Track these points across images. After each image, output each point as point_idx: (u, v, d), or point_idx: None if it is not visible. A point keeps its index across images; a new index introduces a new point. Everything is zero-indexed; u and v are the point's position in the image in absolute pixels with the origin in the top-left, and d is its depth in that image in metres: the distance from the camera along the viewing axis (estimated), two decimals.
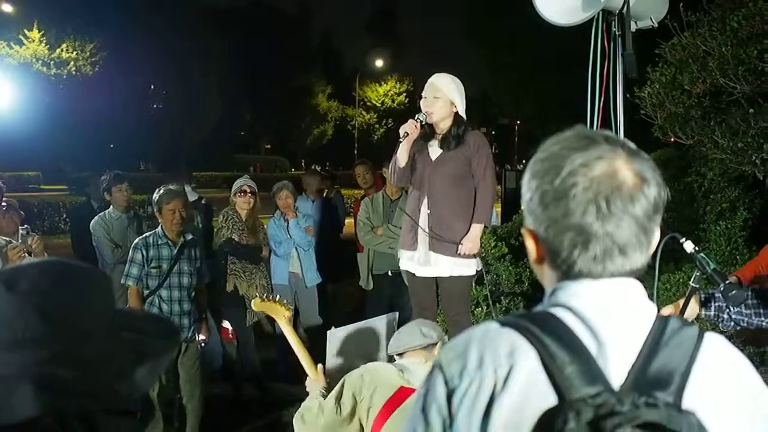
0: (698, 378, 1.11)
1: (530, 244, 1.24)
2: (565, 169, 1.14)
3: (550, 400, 1.07)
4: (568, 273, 1.18)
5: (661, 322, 1.16)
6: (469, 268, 4.44)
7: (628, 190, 1.13)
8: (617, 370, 1.10)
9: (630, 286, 1.18)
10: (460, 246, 4.32)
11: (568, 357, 1.08)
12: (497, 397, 1.10)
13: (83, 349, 1.24)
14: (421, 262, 4.42)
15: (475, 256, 4.44)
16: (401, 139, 4.29)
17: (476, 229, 4.38)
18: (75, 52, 34.46)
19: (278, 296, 4.11)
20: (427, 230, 4.35)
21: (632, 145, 1.19)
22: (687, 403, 1.08)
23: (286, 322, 3.87)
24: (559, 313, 1.16)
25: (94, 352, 1.25)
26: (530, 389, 1.09)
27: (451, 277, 4.40)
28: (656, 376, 1.09)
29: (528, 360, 1.10)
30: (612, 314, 1.14)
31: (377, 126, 55.94)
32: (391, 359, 3.52)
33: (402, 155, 4.34)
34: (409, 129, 4.27)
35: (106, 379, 1.26)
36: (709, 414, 1.06)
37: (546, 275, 1.24)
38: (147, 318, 1.52)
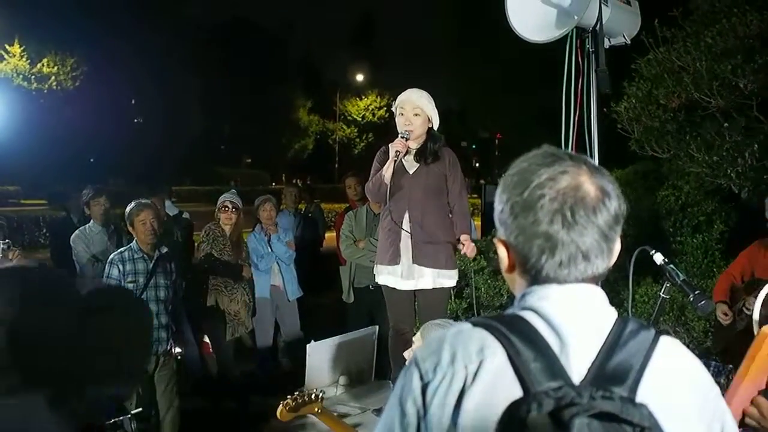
0: (652, 375, 1.21)
1: (502, 253, 1.35)
2: (533, 183, 1.26)
3: (516, 392, 1.16)
4: (536, 278, 1.29)
5: (620, 325, 1.26)
6: (450, 280, 4.47)
7: (591, 201, 1.24)
8: (578, 367, 1.19)
9: (592, 291, 1.29)
10: (461, 246, 4.36)
11: (533, 354, 1.19)
12: (467, 389, 1.20)
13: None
14: (404, 275, 4.42)
15: (455, 267, 4.47)
16: (396, 158, 4.31)
17: (467, 235, 4.43)
18: (56, 67, 34.34)
19: (302, 391, 3.61)
20: (410, 237, 4.35)
21: (594, 162, 1.32)
22: (641, 397, 1.17)
23: (321, 414, 3.53)
24: (527, 315, 1.26)
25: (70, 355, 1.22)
26: (498, 382, 1.19)
27: (433, 289, 4.42)
28: (613, 373, 1.19)
29: (496, 356, 1.21)
30: (575, 316, 1.25)
31: (358, 140, 55.95)
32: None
33: (390, 173, 4.35)
34: (401, 147, 4.32)
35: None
36: (660, 408, 1.13)
37: (517, 282, 1.35)
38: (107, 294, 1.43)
